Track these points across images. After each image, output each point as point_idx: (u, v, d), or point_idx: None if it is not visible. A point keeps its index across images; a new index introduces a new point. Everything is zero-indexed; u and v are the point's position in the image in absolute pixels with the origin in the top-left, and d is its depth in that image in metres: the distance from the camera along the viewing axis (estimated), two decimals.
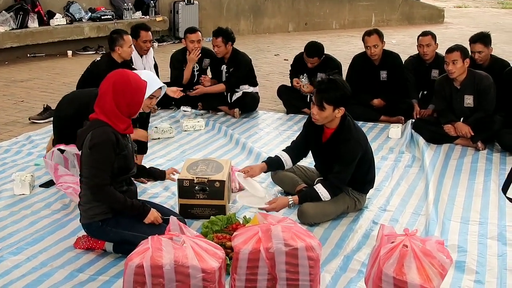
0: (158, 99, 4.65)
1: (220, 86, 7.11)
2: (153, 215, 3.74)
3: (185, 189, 4.25)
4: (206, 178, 4.24)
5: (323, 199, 4.14)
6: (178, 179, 4.29)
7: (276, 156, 4.47)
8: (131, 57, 6.31)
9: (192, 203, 4.26)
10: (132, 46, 6.21)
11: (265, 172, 4.40)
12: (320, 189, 4.15)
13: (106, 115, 3.57)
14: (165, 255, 2.93)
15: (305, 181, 4.58)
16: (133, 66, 6.44)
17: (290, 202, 4.13)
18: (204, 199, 4.25)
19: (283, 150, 4.51)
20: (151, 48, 7.10)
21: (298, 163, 4.63)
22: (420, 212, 4.51)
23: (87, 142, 3.53)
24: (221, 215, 4.10)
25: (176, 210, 4.29)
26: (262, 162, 4.48)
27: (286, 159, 4.42)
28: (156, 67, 7.22)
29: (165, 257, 2.92)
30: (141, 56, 6.92)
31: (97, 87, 5.33)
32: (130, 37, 6.14)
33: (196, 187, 4.23)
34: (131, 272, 2.94)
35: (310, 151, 4.56)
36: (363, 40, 6.79)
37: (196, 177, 4.25)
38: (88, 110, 4.64)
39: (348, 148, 4.14)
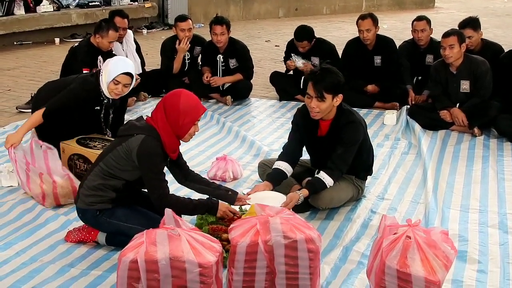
0: (130, 87, 4.63)
1: (237, 76, 6.99)
2: (223, 207, 3.67)
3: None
4: None
5: (327, 186, 4.03)
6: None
7: (275, 169, 4.22)
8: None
9: None
10: (113, 43, 6.16)
11: (271, 189, 4.11)
12: (323, 176, 4.04)
13: (158, 127, 3.49)
14: (160, 249, 2.82)
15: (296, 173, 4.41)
16: (113, 53, 6.32)
17: (300, 196, 3.97)
18: None
19: (278, 160, 4.27)
20: (130, 32, 6.99)
21: None
22: (418, 200, 4.43)
23: (136, 147, 3.42)
24: None
25: None
26: (265, 181, 4.20)
27: (285, 167, 4.20)
28: (138, 50, 7.09)
29: (160, 252, 2.82)
30: (121, 43, 6.77)
31: (77, 73, 5.26)
32: (115, 34, 6.06)
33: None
34: (125, 268, 2.83)
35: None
36: (357, 24, 6.68)
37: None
38: None
39: (352, 129, 4.05)
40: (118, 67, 4.51)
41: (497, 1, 18.56)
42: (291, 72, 7.14)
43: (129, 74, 4.52)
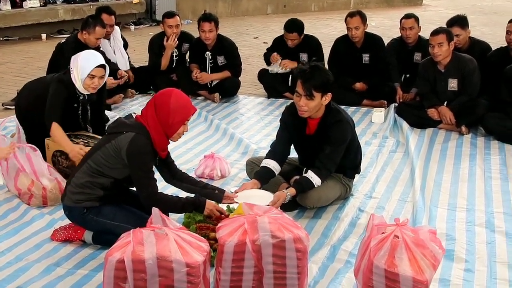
0: (104, 79, 4.60)
1: (225, 73, 6.95)
2: (210, 205, 3.67)
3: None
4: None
5: (315, 185, 4.02)
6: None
7: (263, 167, 4.19)
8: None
9: None
10: (100, 39, 6.13)
11: (259, 188, 4.08)
12: (311, 175, 4.02)
13: (148, 126, 3.47)
14: (147, 249, 2.80)
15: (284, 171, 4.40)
16: (101, 49, 6.30)
17: (287, 195, 3.95)
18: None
19: (266, 158, 4.24)
20: (117, 28, 6.95)
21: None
22: (406, 199, 4.43)
23: (126, 145, 3.40)
24: None
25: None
26: (252, 179, 4.17)
27: (273, 165, 4.17)
28: (126, 46, 7.07)
29: (147, 251, 2.80)
30: (108, 39, 6.73)
31: (64, 69, 5.24)
32: (102, 30, 6.02)
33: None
34: (112, 267, 2.81)
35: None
36: (345, 21, 6.67)
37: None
38: (46, 100, 4.58)
39: (340, 129, 4.03)
40: (90, 61, 4.47)
41: None
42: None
43: (102, 66, 4.50)
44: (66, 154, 4.47)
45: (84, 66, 4.44)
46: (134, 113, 3.67)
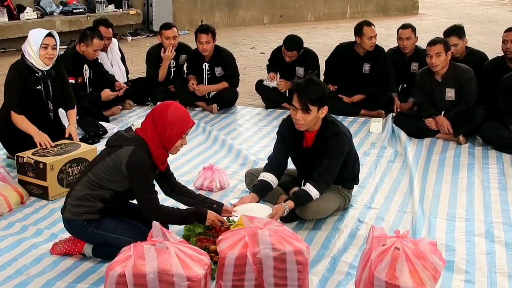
0: (57, 50, 4.87)
1: (223, 84, 6.96)
2: (212, 216, 3.67)
3: (21, 165, 4.60)
4: (33, 159, 4.52)
5: (313, 198, 4.01)
6: (16, 155, 4.64)
7: (261, 181, 4.19)
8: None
9: (24, 179, 4.58)
10: (98, 51, 6.23)
11: (258, 201, 4.10)
12: (309, 188, 4.02)
13: (147, 138, 3.48)
14: (148, 263, 2.80)
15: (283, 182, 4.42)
16: (99, 61, 6.34)
17: (286, 208, 3.94)
18: (32, 178, 4.56)
19: (264, 171, 4.24)
20: (115, 40, 7.00)
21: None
22: (405, 209, 4.43)
23: (126, 158, 3.41)
24: (46, 197, 4.49)
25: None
26: (251, 193, 4.18)
27: (271, 179, 4.17)
28: (123, 59, 7.10)
29: (148, 265, 2.80)
30: (106, 52, 6.75)
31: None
32: (100, 42, 6.10)
33: (26, 166, 4.55)
34: (113, 282, 2.81)
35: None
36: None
37: (27, 156, 4.56)
38: None
39: (337, 142, 4.03)
40: (39, 34, 4.80)
41: (480, 8, 18.74)
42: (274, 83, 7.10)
43: (50, 35, 4.80)
44: (76, 162, 4.61)
45: (35, 39, 4.78)
46: (133, 125, 3.67)
